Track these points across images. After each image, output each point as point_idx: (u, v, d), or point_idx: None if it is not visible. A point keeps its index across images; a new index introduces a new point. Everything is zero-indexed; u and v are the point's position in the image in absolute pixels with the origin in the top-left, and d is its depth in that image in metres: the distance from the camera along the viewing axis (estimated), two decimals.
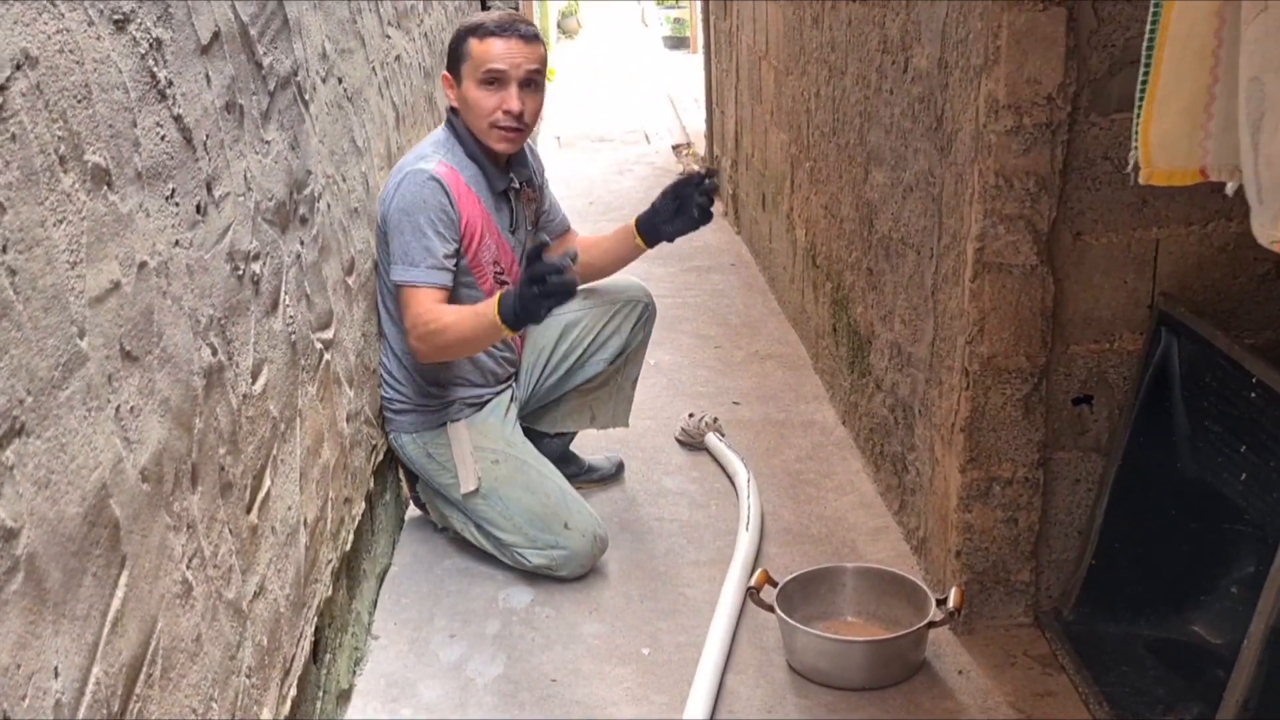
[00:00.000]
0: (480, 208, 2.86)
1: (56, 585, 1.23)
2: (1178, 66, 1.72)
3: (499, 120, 2.82)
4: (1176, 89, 1.74)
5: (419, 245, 2.72)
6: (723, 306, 4.91)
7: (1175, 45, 1.72)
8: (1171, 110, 1.75)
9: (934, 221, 2.67)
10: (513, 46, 2.80)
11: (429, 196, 2.74)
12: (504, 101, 2.80)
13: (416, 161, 2.82)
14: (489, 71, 2.78)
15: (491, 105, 2.81)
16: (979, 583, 2.61)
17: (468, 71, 2.81)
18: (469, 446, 2.91)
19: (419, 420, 2.94)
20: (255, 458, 1.93)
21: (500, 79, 2.79)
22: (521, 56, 2.81)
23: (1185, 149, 1.77)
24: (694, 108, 9.98)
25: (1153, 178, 1.82)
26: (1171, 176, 1.81)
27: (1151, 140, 1.78)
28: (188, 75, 1.69)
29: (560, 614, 2.79)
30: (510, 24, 2.83)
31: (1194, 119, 1.74)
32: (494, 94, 2.80)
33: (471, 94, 2.81)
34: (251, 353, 1.93)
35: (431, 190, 2.75)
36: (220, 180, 1.80)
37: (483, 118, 2.82)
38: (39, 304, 1.21)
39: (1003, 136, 2.32)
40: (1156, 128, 1.77)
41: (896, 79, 2.92)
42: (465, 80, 2.83)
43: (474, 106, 2.82)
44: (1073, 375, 2.49)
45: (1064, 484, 2.57)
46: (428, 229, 2.73)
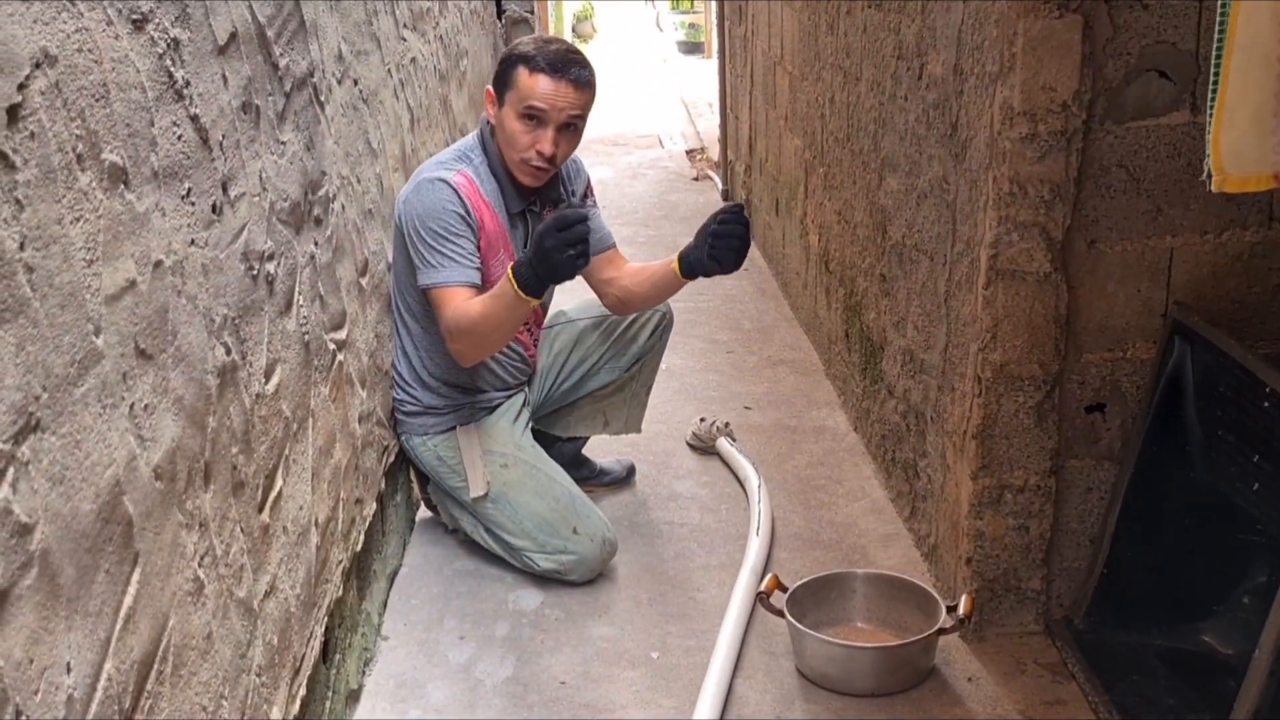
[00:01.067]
0: (495, 223, 2.83)
1: (70, 581, 1.23)
2: (1244, 74, 1.74)
3: (530, 159, 2.76)
4: (1243, 97, 1.75)
5: (443, 248, 2.70)
6: (735, 312, 4.91)
7: (1241, 53, 1.73)
8: (1240, 118, 1.76)
9: (948, 228, 2.67)
10: (560, 90, 2.71)
11: (445, 202, 2.72)
12: (538, 141, 2.74)
13: (436, 169, 2.80)
14: (530, 108, 2.71)
15: (526, 142, 2.74)
16: (989, 590, 2.60)
17: (511, 99, 2.74)
18: (479, 450, 2.91)
19: (429, 423, 2.94)
20: (268, 457, 1.93)
21: (540, 118, 2.72)
22: (566, 102, 2.73)
23: (1256, 155, 1.79)
24: (708, 112, 9.99)
25: (1226, 185, 1.82)
26: (1245, 183, 1.82)
27: (1222, 148, 1.80)
28: (205, 75, 1.69)
29: (570, 616, 2.79)
30: (565, 64, 2.73)
31: (1262, 125, 1.76)
32: (531, 130, 2.73)
33: (509, 123, 2.75)
34: (265, 352, 1.93)
35: (448, 195, 2.72)
36: (236, 180, 1.81)
37: (515, 151, 2.77)
38: (55, 301, 1.22)
39: (1017, 143, 2.31)
40: (1227, 135, 1.79)
41: (911, 85, 2.92)
42: (506, 106, 2.75)
43: (509, 137, 2.76)
44: (1086, 383, 2.49)
45: (1076, 492, 2.56)
46: (447, 232, 2.71)
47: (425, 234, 2.71)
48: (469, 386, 2.96)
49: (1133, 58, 2.28)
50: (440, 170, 2.78)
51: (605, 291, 3.09)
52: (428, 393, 2.92)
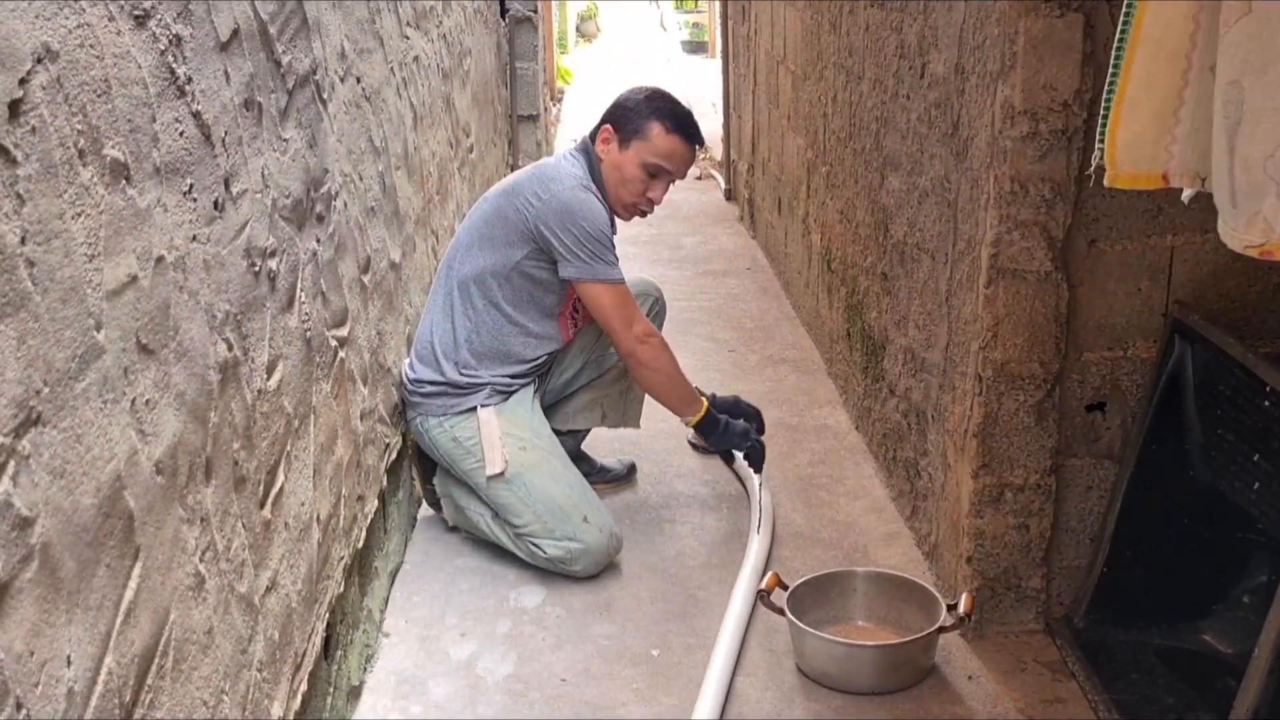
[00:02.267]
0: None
1: (70, 575, 1.24)
2: (1149, 69, 1.71)
3: (640, 205, 3.00)
4: (1147, 92, 1.73)
5: (607, 247, 2.91)
6: (737, 311, 4.92)
7: (1148, 47, 1.71)
8: (1141, 113, 1.74)
9: (949, 227, 2.67)
10: (689, 154, 3.00)
11: (601, 211, 2.94)
12: (651, 190, 2.99)
13: (580, 182, 2.93)
14: (659, 166, 2.95)
15: (641, 190, 2.98)
16: (990, 589, 2.60)
17: (639, 148, 2.95)
18: (499, 431, 2.94)
19: (448, 404, 2.97)
20: (269, 453, 1.94)
21: (661, 174, 2.97)
22: (686, 163, 3.02)
23: (1150, 153, 1.76)
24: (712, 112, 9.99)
25: (1117, 180, 1.81)
26: (1135, 180, 1.81)
27: (1119, 142, 1.78)
28: (207, 72, 1.70)
29: (571, 614, 2.80)
30: (695, 129, 3.00)
31: (1163, 123, 1.73)
32: (648, 182, 2.97)
33: (630, 170, 2.96)
34: (267, 349, 1.94)
35: (601, 209, 2.94)
36: (238, 177, 1.81)
37: (628, 193, 2.98)
38: (57, 295, 1.23)
39: (1018, 142, 2.32)
40: (1125, 130, 1.77)
41: (913, 84, 2.92)
42: (630, 151, 2.96)
43: (626, 180, 2.97)
44: (1086, 382, 2.49)
45: (1076, 491, 2.56)
46: (605, 236, 2.91)
47: (591, 233, 2.88)
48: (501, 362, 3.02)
49: None
50: (585, 183, 2.94)
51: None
52: (456, 368, 2.98)
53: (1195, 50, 1.68)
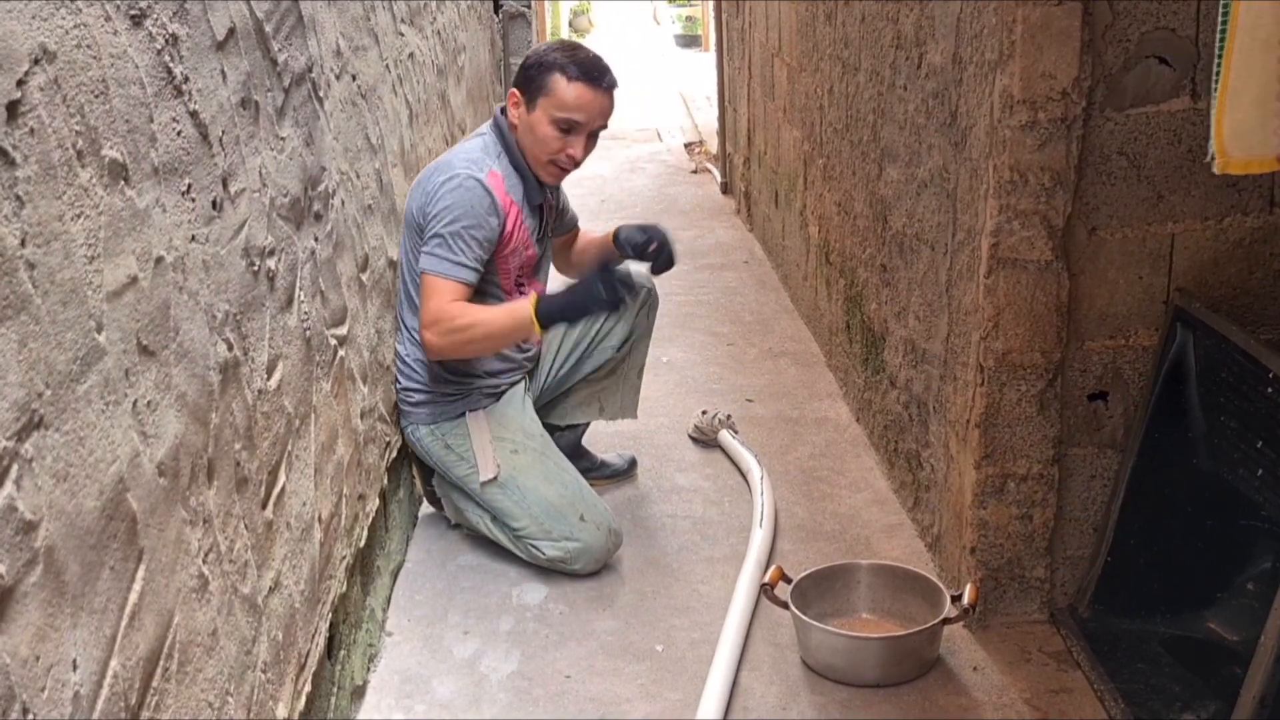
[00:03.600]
0: (518, 216, 2.90)
1: (75, 578, 1.23)
2: (1247, 57, 1.75)
3: (560, 161, 2.87)
4: (1247, 79, 1.76)
5: (457, 243, 2.75)
6: (735, 304, 4.91)
7: (1243, 35, 1.74)
8: (1243, 100, 1.77)
9: (948, 217, 2.66)
10: (597, 99, 2.82)
11: (477, 204, 2.77)
12: (568, 146, 2.84)
13: (468, 165, 2.82)
14: (567, 119, 2.80)
15: (557, 147, 2.84)
16: (993, 579, 2.60)
17: (544, 105, 2.81)
18: (489, 435, 2.92)
19: (436, 411, 2.94)
20: (270, 453, 1.93)
21: (574, 127, 2.82)
22: (599, 110, 2.84)
23: (1260, 138, 1.80)
24: (706, 106, 9.99)
25: (1229, 167, 1.83)
26: (1248, 165, 1.84)
27: (1225, 130, 1.80)
28: (203, 71, 1.69)
29: (573, 610, 2.79)
30: (600, 73, 2.83)
31: (1266, 108, 1.77)
32: (563, 137, 2.83)
33: (541, 129, 2.82)
34: (267, 349, 1.93)
35: (480, 198, 2.78)
36: (236, 176, 1.81)
37: (545, 153, 2.85)
38: (57, 297, 1.22)
39: (1017, 132, 2.31)
40: (1230, 118, 1.80)
41: (910, 75, 2.92)
42: (538, 111, 2.82)
43: (540, 140, 2.84)
44: (1088, 371, 2.49)
45: (1079, 480, 2.56)
46: (468, 234, 2.76)
47: (447, 224, 2.75)
48: (478, 371, 2.97)
49: (1132, 44, 2.28)
50: (473, 168, 2.81)
51: (563, 261, 3.33)
52: (435, 379, 2.93)
53: None
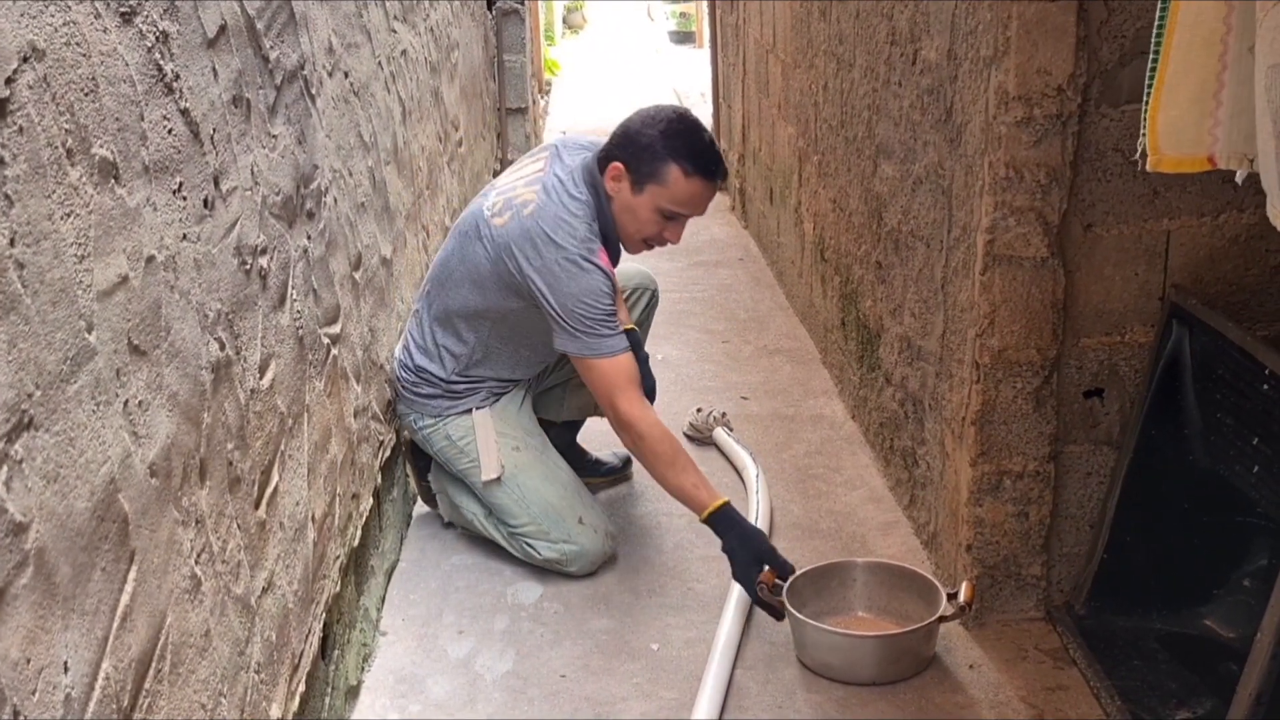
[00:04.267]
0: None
1: (66, 580, 1.22)
2: (1186, 54, 1.72)
3: (654, 243, 2.81)
4: (1185, 76, 1.73)
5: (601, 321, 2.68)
6: (730, 301, 4.90)
7: (1184, 32, 1.71)
8: (1180, 98, 1.75)
9: (944, 214, 2.66)
10: (710, 193, 2.75)
11: (601, 285, 2.68)
12: (668, 231, 2.78)
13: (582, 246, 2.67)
14: (677, 213, 2.73)
15: (657, 231, 2.77)
16: (990, 577, 2.60)
17: (654, 193, 2.70)
18: (494, 433, 2.91)
19: (445, 405, 2.94)
20: (263, 453, 1.92)
21: (678, 217, 2.75)
22: (708, 201, 2.77)
23: (1193, 136, 1.77)
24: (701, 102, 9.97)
25: (1161, 165, 1.81)
26: (1180, 164, 1.81)
27: (1160, 127, 1.78)
28: (194, 69, 1.68)
29: (568, 609, 2.78)
30: (717, 166, 2.74)
31: (1203, 106, 1.74)
32: (664, 224, 2.75)
33: (644, 214, 2.73)
34: (259, 347, 1.92)
35: (602, 280, 2.69)
36: (227, 174, 1.79)
37: (641, 234, 2.77)
38: (47, 297, 1.21)
39: (1013, 128, 2.30)
40: (1165, 115, 1.77)
41: (905, 71, 2.91)
42: (645, 195, 2.70)
43: (640, 222, 2.74)
44: (1084, 368, 2.48)
45: (1075, 477, 2.55)
46: (601, 309, 2.68)
47: (586, 308, 2.67)
48: (499, 371, 2.97)
49: (1127, 40, 2.27)
50: (585, 249, 2.68)
51: None
52: (457, 371, 2.92)
53: (1231, 33, 1.68)
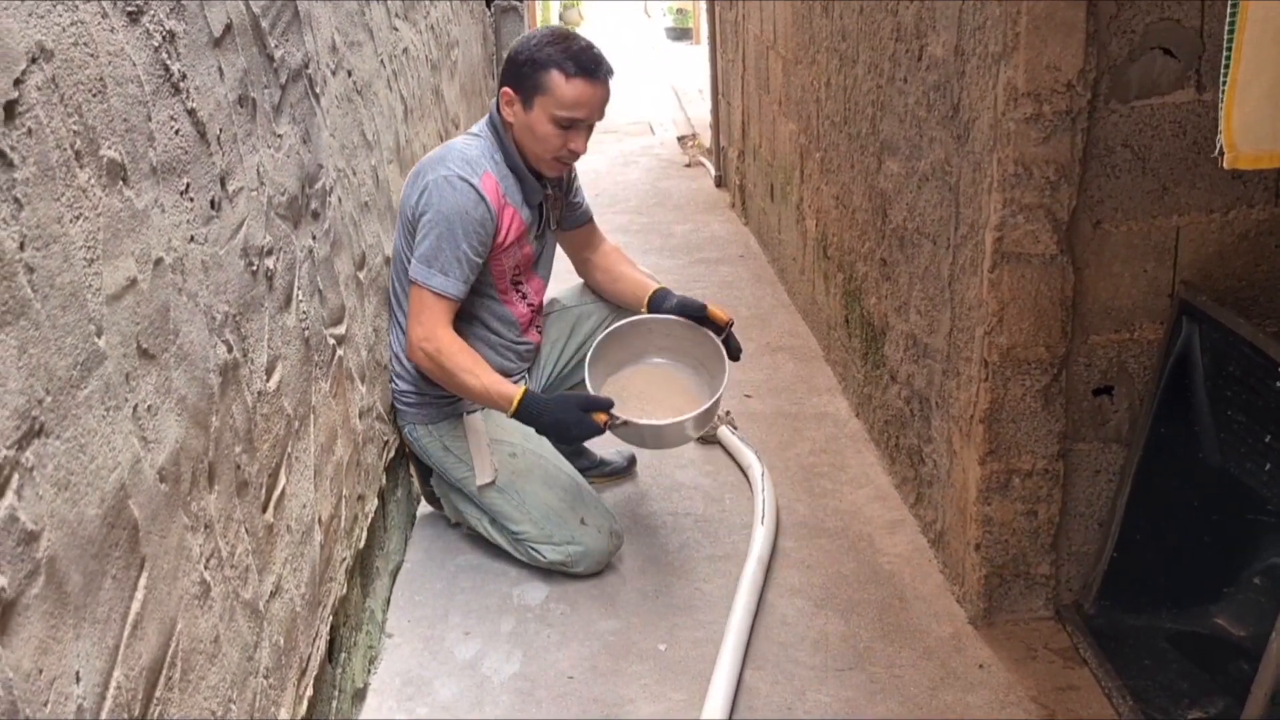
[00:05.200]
0: (517, 220, 2.84)
1: (77, 588, 1.20)
2: (1257, 51, 1.72)
3: (562, 156, 2.79)
4: (1257, 74, 1.74)
5: (450, 254, 2.69)
6: (732, 298, 4.88)
7: (1254, 29, 1.72)
8: (1253, 94, 1.75)
9: (951, 211, 2.64)
10: (597, 93, 2.73)
11: (470, 208, 2.70)
12: (570, 141, 2.76)
13: (462, 165, 2.73)
14: (568, 118, 2.72)
15: (559, 144, 2.76)
16: (998, 576, 2.58)
17: (543, 104, 2.72)
18: (485, 439, 2.88)
19: (433, 412, 2.91)
20: (271, 455, 1.90)
21: (575, 124, 2.75)
22: (600, 102, 2.76)
23: (1269, 131, 1.78)
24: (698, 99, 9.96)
25: (1238, 161, 1.81)
26: (1257, 160, 1.81)
27: (1235, 125, 1.78)
28: (200, 68, 1.66)
29: (575, 610, 2.77)
30: (597, 65, 2.73)
31: (1275, 101, 1.74)
32: (564, 134, 2.75)
33: (540, 127, 2.74)
34: (266, 349, 1.90)
35: (474, 202, 2.70)
36: (234, 175, 1.78)
37: (546, 151, 2.77)
38: (57, 301, 1.19)
39: (1022, 124, 2.29)
40: (1239, 112, 1.77)
41: (911, 67, 2.89)
42: (536, 110, 2.73)
43: (539, 139, 2.75)
44: (1093, 365, 2.47)
45: (1084, 475, 2.54)
46: (463, 242, 2.69)
47: (439, 230, 2.69)
48: None
49: (1137, 35, 2.25)
50: (467, 170, 2.73)
51: (584, 270, 3.21)
52: (433, 381, 2.87)
53: None
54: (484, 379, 2.66)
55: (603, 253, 3.16)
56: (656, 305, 2.95)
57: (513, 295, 2.93)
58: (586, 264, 3.18)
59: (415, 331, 2.72)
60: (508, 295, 2.91)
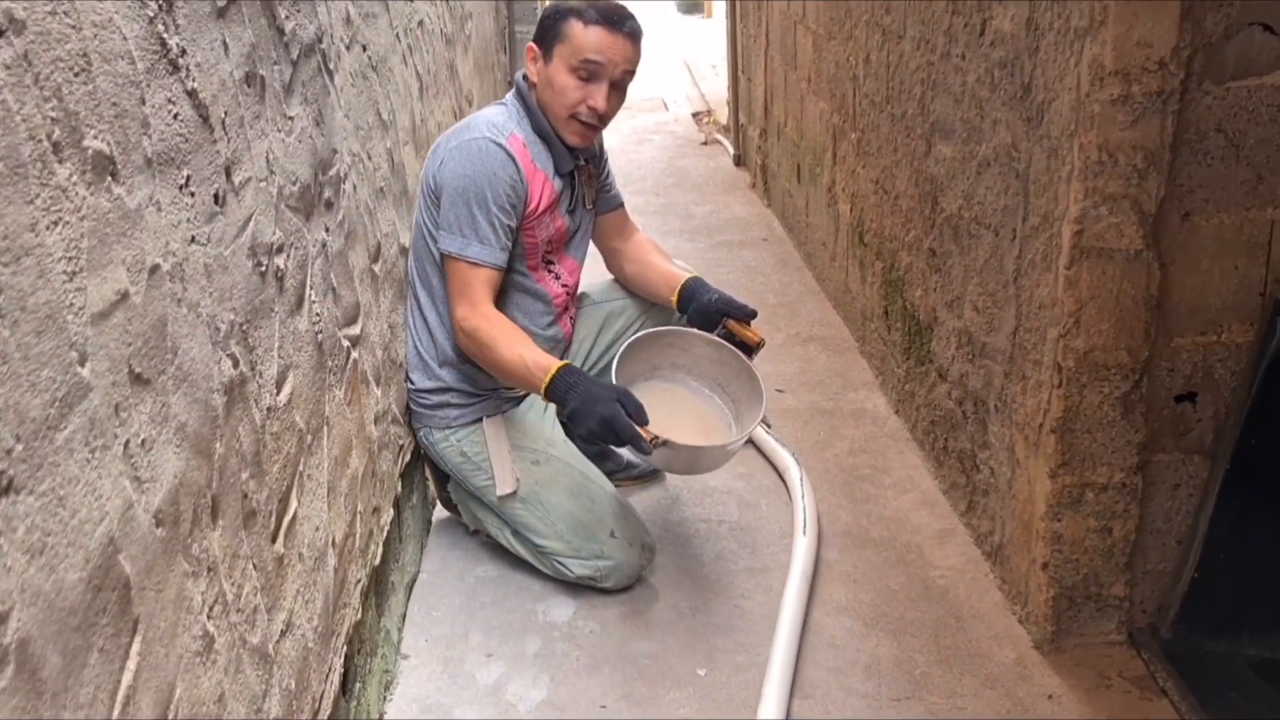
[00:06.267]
0: (549, 189, 2.63)
1: (55, 672, 1.00)
2: None
3: (581, 114, 2.57)
4: None
5: (484, 219, 2.49)
6: (758, 285, 4.67)
7: None
8: None
9: (1018, 200, 2.43)
10: (617, 43, 2.52)
11: (499, 169, 2.50)
12: (590, 96, 2.54)
13: (486, 129, 2.56)
14: (586, 62, 2.51)
15: (577, 97, 2.55)
16: (1068, 598, 2.38)
17: (561, 53, 2.53)
18: (507, 445, 2.67)
19: (452, 415, 2.70)
20: (280, 478, 1.70)
21: (595, 74, 2.53)
22: (621, 55, 2.54)
23: None
24: (711, 74, 9.73)
25: None
26: None
27: None
28: (202, 43, 1.44)
29: (605, 629, 2.56)
30: (619, 17, 2.54)
31: None
32: (583, 86, 2.54)
33: (559, 79, 2.54)
34: (276, 359, 1.69)
35: (502, 163, 2.51)
36: (240, 164, 1.56)
37: (565, 106, 2.56)
38: (30, 328, 0.98)
39: (1108, 106, 2.07)
40: None
41: (970, 43, 2.67)
42: (555, 61, 2.54)
43: (558, 92, 2.55)
44: (1176, 370, 2.26)
45: (1163, 489, 2.34)
46: (493, 204, 2.50)
47: (468, 196, 2.49)
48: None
49: (1234, 10, 2.04)
50: (491, 131, 2.55)
51: (614, 262, 2.99)
52: (455, 378, 2.66)
53: None
54: (523, 351, 2.44)
55: (635, 243, 2.94)
56: (686, 300, 2.74)
57: (544, 273, 2.72)
58: (616, 255, 2.96)
59: (459, 310, 2.52)
60: (539, 273, 2.70)
